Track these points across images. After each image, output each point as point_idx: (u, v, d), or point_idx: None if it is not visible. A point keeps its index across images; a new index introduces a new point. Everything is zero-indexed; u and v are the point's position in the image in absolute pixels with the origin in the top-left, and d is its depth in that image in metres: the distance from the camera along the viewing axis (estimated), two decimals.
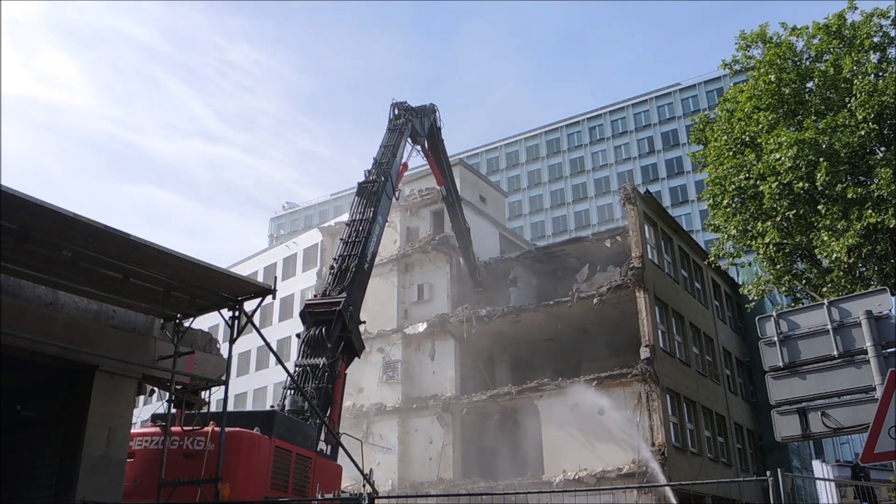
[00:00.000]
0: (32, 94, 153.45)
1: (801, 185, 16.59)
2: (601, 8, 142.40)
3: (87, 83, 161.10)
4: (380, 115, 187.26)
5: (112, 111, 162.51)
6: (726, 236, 19.22)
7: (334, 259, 19.18)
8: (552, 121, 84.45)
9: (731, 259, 20.83)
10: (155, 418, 11.38)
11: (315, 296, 18.40)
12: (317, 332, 16.45)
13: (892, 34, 18.12)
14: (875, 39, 17.95)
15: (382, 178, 20.83)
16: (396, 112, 24.21)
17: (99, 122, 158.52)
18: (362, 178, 21.15)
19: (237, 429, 10.52)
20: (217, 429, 10.21)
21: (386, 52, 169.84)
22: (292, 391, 15.57)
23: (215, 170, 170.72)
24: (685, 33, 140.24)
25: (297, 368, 15.91)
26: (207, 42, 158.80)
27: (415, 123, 24.53)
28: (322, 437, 14.82)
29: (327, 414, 15.48)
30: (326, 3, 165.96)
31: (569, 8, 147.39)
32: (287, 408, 15.03)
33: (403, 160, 23.65)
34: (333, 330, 16.39)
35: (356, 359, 17.80)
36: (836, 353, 7.64)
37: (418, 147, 25.77)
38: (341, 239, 19.73)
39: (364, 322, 18.63)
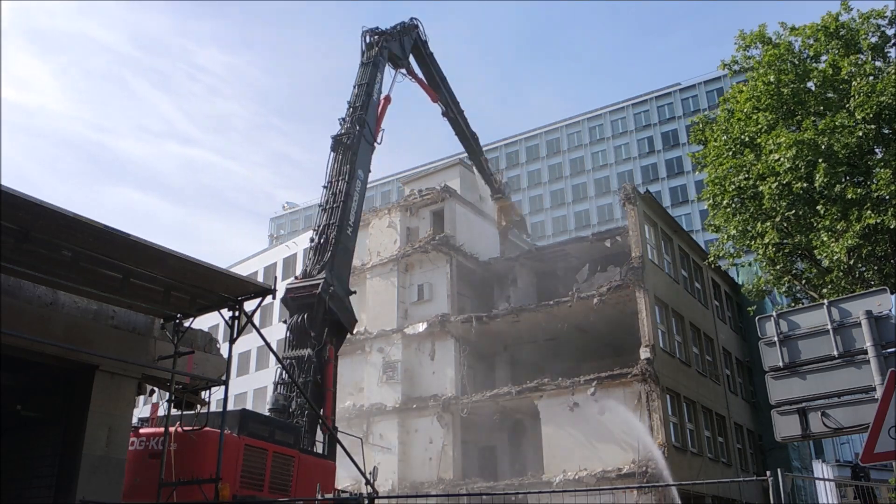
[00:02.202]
0: (5, 96, 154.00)
1: (800, 185, 16.61)
2: (581, 8, 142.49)
3: (59, 86, 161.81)
4: None
5: (85, 114, 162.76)
6: (726, 236, 19.24)
7: (314, 230, 17.79)
8: (548, 122, 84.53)
9: (731, 259, 20.85)
10: (141, 422, 11.41)
11: (296, 277, 17.26)
12: (300, 319, 15.74)
13: (889, 34, 18.12)
14: (872, 40, 17.96)
15: (358, 127, 18.72)
16: (368, 40, 21.00)
17: (72, 125, 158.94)
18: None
19: (202, 428, 10.53)
20: (181, 429, 10.32)
21: (353, 54, 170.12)
22: (280, 388, 15.33)
23: (192, 172, 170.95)
24: (685, 33, 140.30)
25: (285, 361, 15.24)
26: (175, 46, 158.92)
27: (392, 48, 21.75)
28: (318, 431, 14.67)
29: (321, 406, 15.16)
30: (289, 5, 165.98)
31: (539, 8, 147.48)
32: (269, 406, 14.86)
33: (384, 94, 21.11)
34: (316, 315, 15.61)
35: (362, 354, 17.27)
36: (836, 353, 7.64)
37: (403, 71, 22.98)
38: (320, 206, 18.15)
39: (355, 292, 17.51)
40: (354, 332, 17.77)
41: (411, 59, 23.93)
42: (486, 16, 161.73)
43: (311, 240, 17.62)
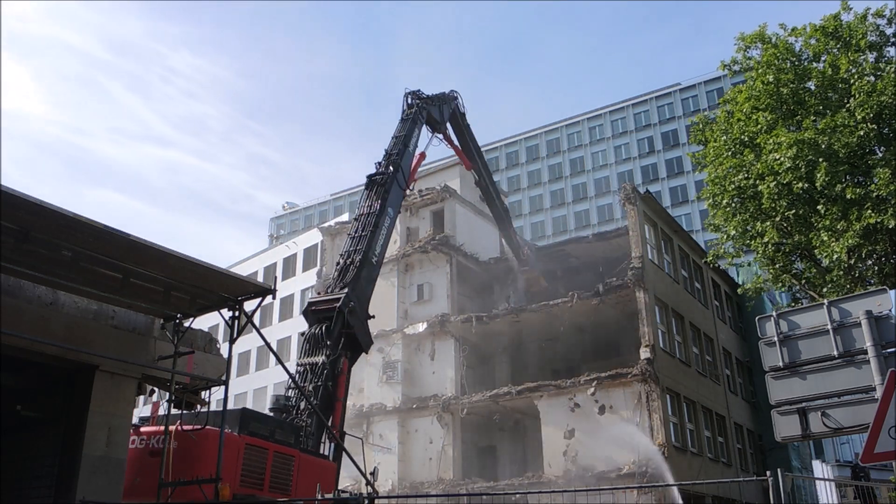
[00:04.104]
0: None
1: (800, 185, 16.60)
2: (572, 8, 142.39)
3: (34, 89, 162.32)
4: (328, 120, 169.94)
5: (61, 117, 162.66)
6: (726, 236, 19.24)
7: (340, 255, 18.79)
8: (554, 120, 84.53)
9: (730, 259, 20.85)
10: (141, 421, 11.42)
11: (318, 293, 18.08)
12: (317, 330, 16.39)
13: (889, 33, 18.10)
14: (871, 39, 17.94)
15: (391, 169, 20.04)
16: (409, 102, 23.03)
17: (50, 128, 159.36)
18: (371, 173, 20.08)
19: (205, 427, 10.55)
20: (181, 428, 10.34)
21: (326, 57, 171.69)
22: (290, 391, 15.56)
23: (170, 174, 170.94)
24: (685, 33, 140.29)
25: (298, 367, 15.89)
26: (147, 49, 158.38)
27: (431, 112, 23.57)
28: (324, 435, 14.77)
29: (330, 414, 15.40)
30: (259, 6, 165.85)
31: (512, 8, 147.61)
32: (269, 406, 15.03)
33: (420, 150, 22.90)
34: (334, 327, 16.25)
35: (364, 354, 17.66)
36: (836, 353, 7.63)
37: (439, 136, 24.80)
38: (348, 234, 19.30)
39: (373, 317, 18.30)
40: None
41: (449, 127, 25.45)
42: (463, 15, 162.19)
43: (337, 263, 18.48)
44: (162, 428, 10.40)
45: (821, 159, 16.19)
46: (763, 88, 18.12)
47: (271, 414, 14.44)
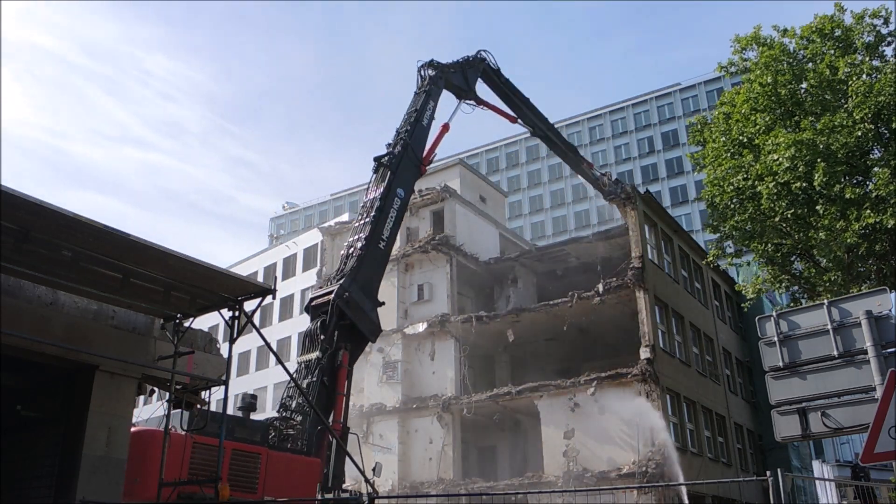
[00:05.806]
0: None
1: (798, 185, 16.61)
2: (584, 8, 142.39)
3: (13, 92, 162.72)
4: (305, 122, 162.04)
5: (40, 119, 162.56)
6: (725, 236, 19.26)
7: (346, 245, 18.30)
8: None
9: (730, 259, 20.87)
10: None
11: (320, 287, 17.87)
12: (314, 325, 16.19)
13: (885, 33, 18.10)
14: (868, 39, 17.95)
15: (399, 148, 19.08)
16: (423, 74, 21.59)
17: (28, 130, 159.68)
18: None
19: (142, 428, 10.47)
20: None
21: (298, 60, 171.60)
22: (287, 390, 15.51)
23: (151, 176, 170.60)
24: (686, 33, 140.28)
25: (297, 366, 15.80)
26: (122, 52, 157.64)
27: (451, 79, 22.09)
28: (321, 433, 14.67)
29: (330, 410, 15.29)
30: (231, 7, 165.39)
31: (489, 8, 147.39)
32: (238, 405, 14.89)
33: (445, 121, 21.69)
34: (329, 321, 15.96)
35: (366, 351, 17.37)
36: (836, 353, 7.64)
37: (471, 102, 23.31)
38: (353, 225, 18.65)
39: (383, 303, 17.82)
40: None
41: (486, 87, 24.25)
42: (396, 27, 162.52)
43: (342, 255, 18.02)
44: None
45: (819, 159, 16.21)
46: (760, 90, 18.14)
47: (240, 413, 14.34)
